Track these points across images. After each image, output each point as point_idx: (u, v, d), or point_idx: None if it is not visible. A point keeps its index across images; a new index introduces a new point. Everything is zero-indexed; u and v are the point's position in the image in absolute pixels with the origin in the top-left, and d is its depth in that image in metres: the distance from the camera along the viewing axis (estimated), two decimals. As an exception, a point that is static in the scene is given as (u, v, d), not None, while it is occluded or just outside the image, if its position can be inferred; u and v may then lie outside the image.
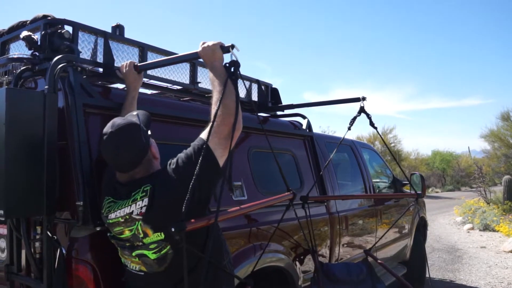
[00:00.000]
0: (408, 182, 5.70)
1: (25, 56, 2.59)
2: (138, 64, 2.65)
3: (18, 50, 2.77)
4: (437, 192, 34.21)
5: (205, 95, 3.52)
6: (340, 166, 4.95)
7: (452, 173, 41.28)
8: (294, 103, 4.12)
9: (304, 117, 4.15)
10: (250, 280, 2.38)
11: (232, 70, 2.03)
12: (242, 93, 3.68)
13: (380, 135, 3.64)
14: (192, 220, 1.82)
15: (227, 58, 2.05)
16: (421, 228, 6.63)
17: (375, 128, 3.44)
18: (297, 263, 3.43)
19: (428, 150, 69.94)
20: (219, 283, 2.15)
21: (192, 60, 3.12)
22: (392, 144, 29.83)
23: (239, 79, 3.53)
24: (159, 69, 3.09)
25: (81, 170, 2.24)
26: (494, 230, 12.55)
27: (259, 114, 3.89)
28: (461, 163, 41.23)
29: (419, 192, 4.27)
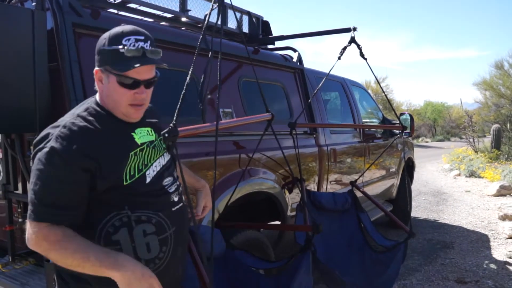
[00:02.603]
0: (398, 123, 5.78)
1: (10, -25, 2.55)
2: None
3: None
4: (427, 142, 34.65)
5: (198, 24, 3.51)
6: (331, 103, 5.00)
7: (442, 124, 41.72)
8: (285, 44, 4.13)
9: (294, 50, 4.15)
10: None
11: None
12: (233, 23, 3.68)
13: (370, 68, 3.65)
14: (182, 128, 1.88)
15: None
16: (408, 168, 6.77)
17: (365, 59, 3.46)
18: (286, 191, 3.53)
19: (420, 101, 70.19)
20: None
21: None
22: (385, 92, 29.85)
23: (229, 9, 3.53)
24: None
25: (73, 89, 2.27)
26: (479, 177, 12.85)
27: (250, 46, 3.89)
28: (452, 114, 41.60)
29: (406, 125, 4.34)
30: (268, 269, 2.93)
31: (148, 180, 1.69)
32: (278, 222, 3.61)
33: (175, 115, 1.88)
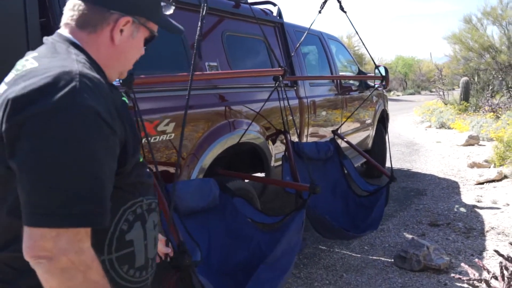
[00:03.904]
0: (372, 76, 5.91)
1: None
2: None
3: None
4: (398, 95, 35.23)
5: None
6: (309, 56, 5.08)
7: (413, 78, 42.37)
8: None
9: (274, 4, 4.18)
10: None
11: None
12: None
13: (350, 21, 3.73)
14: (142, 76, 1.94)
15: None
16: (383, 120, 6.97)
17: (345, 12, 3.54)
18: (270, 142, 3.65)
19: (392, 56, 70.68)
20: None
21: None
22: (356, 48, 29.95)
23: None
24: None
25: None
26: (449, 128, 13.26)
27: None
28: (423, 68, 42.20)
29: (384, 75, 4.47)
30: (264, 223, 2.99)
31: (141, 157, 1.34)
32: (262, 174, 3.75)
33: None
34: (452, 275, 2.79)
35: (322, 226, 3.31)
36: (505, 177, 6.65)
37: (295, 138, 4.13)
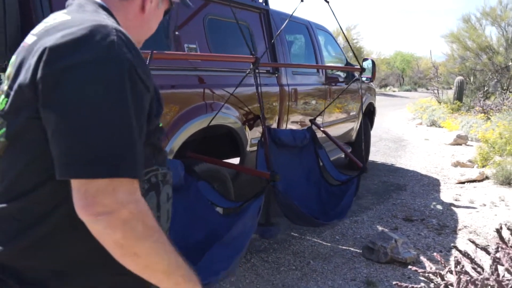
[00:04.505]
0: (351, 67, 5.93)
1: None
2: None
3: None
4: (394, 91, 35.28)
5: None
6: (295, 45, 5.08)
7: (411, 74, 42.38)
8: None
9: (261, -9, 4.19)
10: None
11: None
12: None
13: (333, 12, 3.75)
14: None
15: None
16: (369, 113, 7.00)
17: (327, 2, 3.55)
18: (247, 127, 3.69)
19: (392, 51, 70.52)
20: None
21: None
22: (355, 41, 29.91)
23: None
24: None
25: (42, 16, 2.30)
26: (439, 126, 13.33)
27: None
28: (421, 65, 42.17)
29: (364, 67, 4.50)
30: (225, 208, 3.08)
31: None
32: (237, 158, 3.80)
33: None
34: (410, 267, 2.85)
35: (291, 212, 3.37)
36: (487, 178, 6.72)
37: (274, 125, 4.17)
